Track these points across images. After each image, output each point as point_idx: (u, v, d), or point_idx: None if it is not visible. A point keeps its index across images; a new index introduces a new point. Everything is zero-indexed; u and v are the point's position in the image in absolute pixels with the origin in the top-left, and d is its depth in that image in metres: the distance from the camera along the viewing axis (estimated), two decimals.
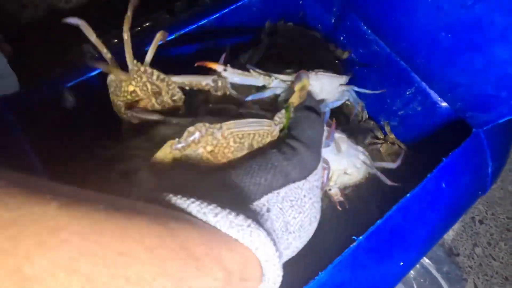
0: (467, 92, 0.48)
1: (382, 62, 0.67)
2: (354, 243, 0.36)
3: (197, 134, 0.34)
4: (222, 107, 0.47)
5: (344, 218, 0.68)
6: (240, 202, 0.31)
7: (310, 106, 0.42)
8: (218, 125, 0.35)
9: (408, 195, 0.40)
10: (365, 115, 0.75)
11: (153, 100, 0.44)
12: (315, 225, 0.37)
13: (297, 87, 0.43)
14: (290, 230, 0.33)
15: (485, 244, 0.87)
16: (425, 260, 0.62)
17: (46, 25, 0.92)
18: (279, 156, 0.34)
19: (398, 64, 0.64)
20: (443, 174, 0.42)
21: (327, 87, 0.57)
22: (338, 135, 0.58)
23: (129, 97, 0.42)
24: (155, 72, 0.42)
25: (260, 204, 0.32)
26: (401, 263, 0.39)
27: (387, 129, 0.72)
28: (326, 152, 0.52)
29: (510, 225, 0.90)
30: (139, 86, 0.42)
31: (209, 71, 0.46)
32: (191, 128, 0.34)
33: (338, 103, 0.60)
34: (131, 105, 0.45)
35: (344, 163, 0.56)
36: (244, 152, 0.37)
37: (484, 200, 0.92)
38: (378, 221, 0.38)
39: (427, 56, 0.53)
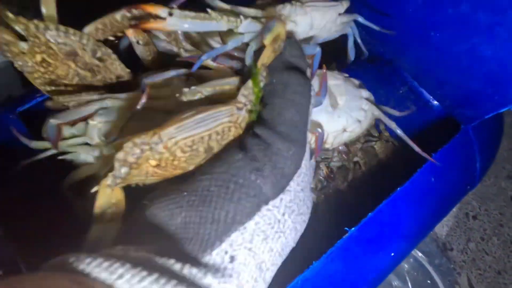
0: (455, 89, 0.50)
1: (375, 62, 0.69)
2: (346, 234, 0.38)
3: (131, 159, 0.25)
4: (155, 93, 0.34)
5: (337, 211, 0.70)
6: (186, 256, 0.22)
7: (289, 62, 0.30)
8: (154, 136, 0.25)
9: (398, 189, 0.41)
10: None
11: (73, 65, 0.34)
12: (299, 234, 0.30)
13: (267, 39, 0.30)
14: (265, 268, 0.25)
15: (479, 239, 0.89)
16: (418, 254, 0.64)
17: None
18: (246, 167, 0.25)
19: (391, 63, 0.66)
20: (432, 169, 0.44)
21: (318, 22, 0.39)
22: (333, 82, 0.45)
23: (42, 70, 0.33)
24: (52, 26, 0.32)
25: (220, 253, 0.23)
26: (392, 254, 0.41)
27: (382, 127, 0.74)
28: (318, 112, 0.42)
29: (503, 220, 0.92)
30: (43, 49, 0.32)
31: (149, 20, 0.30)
32: (119, 155, 0.25)
33: (332, 37, 0.47)
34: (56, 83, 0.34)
35: (343, 121, 0.45)
36: (201, 157, 0.28)
37: (477, 196, 0.94)
38: (370, 214, 0.40)
39: (416, 54, 0.55)
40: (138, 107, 0.30)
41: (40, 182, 0.36)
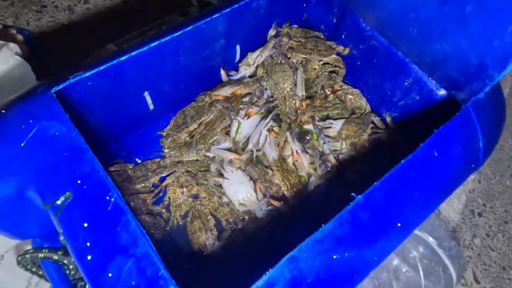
0: (453, 66, 0.53)
1: (381, 56, 0.72)
2: (354, 200, 0.40)
3: None
4: None
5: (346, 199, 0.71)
6: None
7: None
8: None
9: (402, 161, 0.44)
10: (368, 108, 0.80)
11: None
12: None
13: None
14: None
15: (484, 235, 0.90)
16: (429, 239, 0.65)
17: (65, 28, 0.98)
18: None
19: (395, 56, 0.69)
20: (434, 144, 0.46)
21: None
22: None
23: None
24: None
25: None
26: (399, 224, 0.43)
27: (389, 119, 0.76)
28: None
29: (508, 218, 0.93)
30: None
31: None
32: None
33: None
34: None
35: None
36: None
37: (483, 194, 0.95)
38: (376, 183, 0.42)
39: (418, 35, 0.58)
40: None
41: None
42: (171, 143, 0.78)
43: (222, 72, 0.80)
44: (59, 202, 0.36)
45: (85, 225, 0.35)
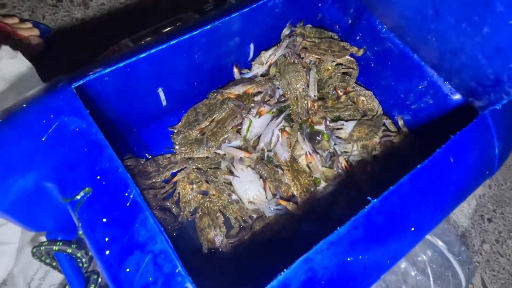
0: (470, 76, 0.53)
1: (395, 58, 0.71)
2: (369, 204, 0.40)
3: None
4: None
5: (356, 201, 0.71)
6: None
7: None
8: None
9: (419, 165, 0.44)
10: (380, 110, 0.80)
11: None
12: None
13: None
14: None
15: (493, 241, 0.90)
16: (438, 243, 0.65)
17: (80, 22, 0.99)
18: None
19: (411, 59, 0.68)
20: (451, 150, 0.46)
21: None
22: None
23: None
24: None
25: None
26: (412, 229, 0.43)
27: (401, 123, 0.76)
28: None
29: None
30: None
31: None
32: None
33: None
34: None
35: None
36: None
37: (493, 199, 0.94)
38: (391, 187, 0.42)
39: (435, 44, 0.58)
40: None
41: None
42: (182, 140, 0.78)
43: (235, 70, 0.80)
44: (78, 197, 0.37)
45: (104, 220, 0.35)
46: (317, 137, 0.76)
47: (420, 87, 0.69)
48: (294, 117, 0.78)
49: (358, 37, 0.78)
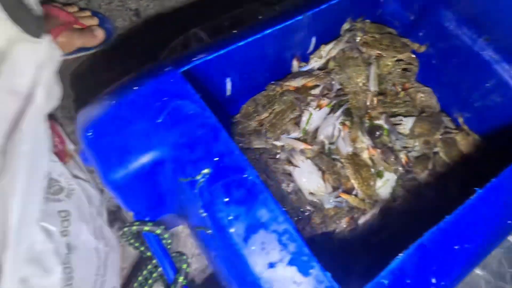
0: None
1: (461, 56, 0.72)
2: (475, 194, 0.41)
3: None
4: None
5: (416, 199, 0.72)
6: None
7: None
8: None
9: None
10: (438, 107, 0.80)
11: None
12: None
13: None
14: None
15: None
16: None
17: (133, 13, 1.00)
18: None
19: (478, 56, 0.68)
20: None
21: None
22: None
23: None
24: None
25: None
26: (509, 222, 0.44)
27: (461, 120, 0.77)
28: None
29: None
30: None
31: None
32: None
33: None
34: None
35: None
36: None
37: None
38: (493, 179, 0.42)
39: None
40: None
41: None
42: (241, 130, 0.79)
43: (295, 63, 0.81)
44: (198, 177, 0.38)
45: (226, 200, 0.37)
46: (377, 132, 0.76)
47: (487, 84, 0.69)
48: (354, 111, 0.79)
49: (421, 34, 0.78)
